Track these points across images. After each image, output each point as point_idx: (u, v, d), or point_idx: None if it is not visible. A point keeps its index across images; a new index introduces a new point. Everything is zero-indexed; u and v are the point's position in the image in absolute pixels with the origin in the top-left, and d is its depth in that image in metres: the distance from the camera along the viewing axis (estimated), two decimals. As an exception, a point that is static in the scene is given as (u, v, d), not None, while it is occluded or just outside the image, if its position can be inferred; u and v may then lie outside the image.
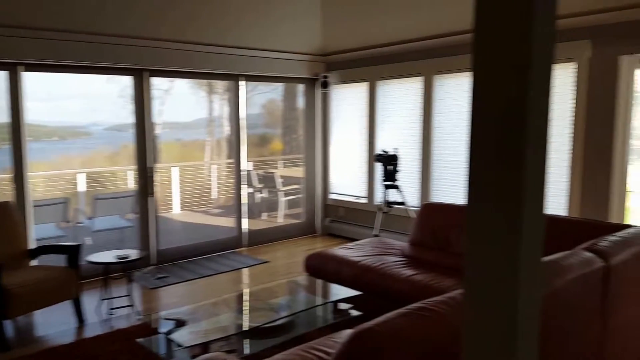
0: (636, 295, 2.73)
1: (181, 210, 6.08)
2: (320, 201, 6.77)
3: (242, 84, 5.94)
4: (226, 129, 6.10)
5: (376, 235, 5.24)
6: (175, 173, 6.08)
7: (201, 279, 4.91)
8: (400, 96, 5.80)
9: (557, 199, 4.49)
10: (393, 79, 5.84)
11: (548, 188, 4.10)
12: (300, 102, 6.67)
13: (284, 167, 6.95)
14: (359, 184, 6.40)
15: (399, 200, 5.31)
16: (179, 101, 5.93)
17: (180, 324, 3.02)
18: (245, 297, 3.72)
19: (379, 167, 5.71)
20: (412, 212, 5.15)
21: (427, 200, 5.54)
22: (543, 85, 1.25)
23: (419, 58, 5.49)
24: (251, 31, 5.65)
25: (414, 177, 5.69)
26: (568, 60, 4.30)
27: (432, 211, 4.13)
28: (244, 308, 3.45)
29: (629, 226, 3.07)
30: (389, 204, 5.36)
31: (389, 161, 5.31)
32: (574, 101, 4.31)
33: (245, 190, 6.12)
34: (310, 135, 6.67)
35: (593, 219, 3.61)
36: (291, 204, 6.75)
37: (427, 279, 3.35)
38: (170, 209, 5.99)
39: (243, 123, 6.01)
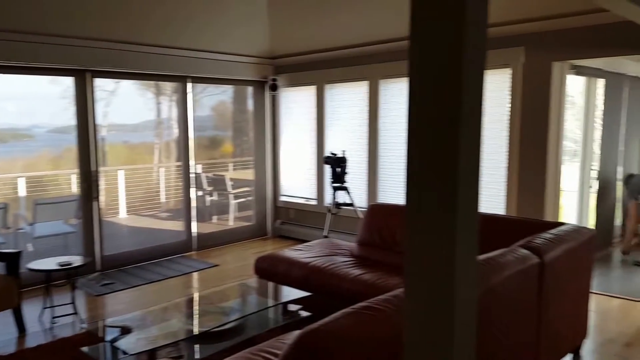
0: (567, 288, 2.88)
1: (128, 214, 5.89)
2: (270, 203, 6.75)
3: (189, 85, 5.83)
4: (175, 131, 5.97)
5: (326, 237, 5.28)
6: (121, 176, 5.88)
7: (149, 285, 4.78)
8: (348, 100, 5.87)
9: (496, 199, 4.67)
10: (340, 82, 5.90)
11: (487, 188, 4.28)
12: (250, 104, 6.62)
13: (235, 169, 6.87)
14: (308, 186, 6.42)
15: (348, 201, 5.37)
16: (125, 103, 5.74)
17: (126, 331, 2.93)
18: (195, 302, 3.66)
19: (327, 169, 5.76)
20: (360, 213, 5.22)
21: (375, 201, 5.63)
22: (475, 89, 1.30)
23: (365, 63, 5.58)
24: (198, 33, 5.56)
25: (361, 179, 5.77)
26: (504, 65, 4.49)
27: (378, 212, 4.20)
28: (193, 312, 3.38)
29: (562, 224, 3.24)
30: (338, 205, 5.41)
31: (338, 163, 5.37)
32: (510, 105, 4.50)
33: (194, 194, 6.01)
34: (260, 137, 6.64)
35: (529, 218, 3.78)
36: (242, 207, 6.69)
37: (374, 278, 3.40)
38: (117, 213, 5.79)
39: (191, 125, 5.91)
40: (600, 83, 5.27)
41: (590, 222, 5.43)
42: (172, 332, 2.93)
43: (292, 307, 3.36)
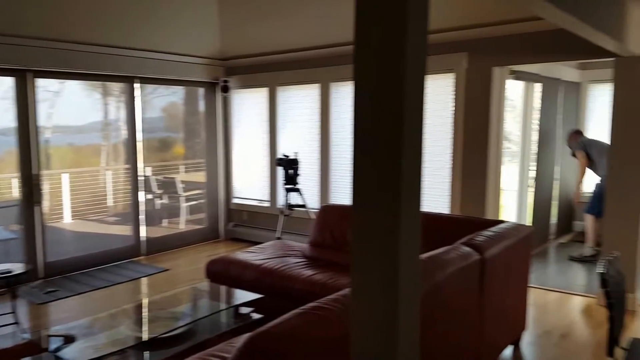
0: (507, 283, 3.01)
1: (73, 219, 5.65)
2: (223, 206, 6.66)
3: (137, 86, 5.67)
4: (123, 132, 5.79)
5: (278, 238, 5.27)
6: (65, 180, 5.65)
7: (95, 291, 4.61)
8: (300, 102, 5.89)
9: (440, 198, 4.81)
10: (292, 85, 5.91)
11: (432, 188, 4.38)
12: (202, 106, 6.52)
13: (186, 171, 6.74)
14: (261, 188, 6.39)
15: (300, 203, 5.39)
16: (71, 104, 5.51)
17: (70, 340, 2.82)
18: (144, 307, 3.56)
19: (280, 171, 5.75)
20: (312, 214, 5.24)
21: (327, 202, 5.67)
22: (417, 92, 1.34)
23: (316, 65, 5.61)
24: (147, 33, 5.42)
25: (314, 180, 5.80)
26: (448, 70, 4.63)
27: (330, 213, 4.24)
28: (142, 318, 3.29)
29: (501, 222, 3.37)
30: (290, 206, 5.42)
31: (290, 165, 5.37)
32: (454, 108, 4.65)
33: (143, 197, 5.85)
34: (211, 139, 6.54)
35: (471, 216, 3.91)
36: (193, 210, 6.57)
37: (325, 278, 3.43)
38: (61, 218, 5.55)
39: (140, 127, 5.75)
40: (538, 87, 5.53)
41: (529, 220, 5.69)
42: (120, 340, 2.84)
43: (244, 310, 3.33)
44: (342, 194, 5.57)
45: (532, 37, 4.18)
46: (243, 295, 3.47)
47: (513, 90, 5.39)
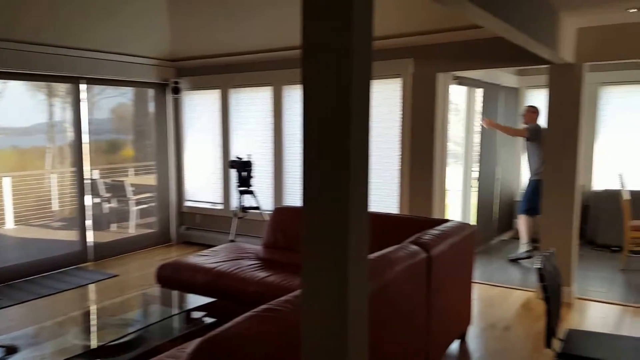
0: (453, 279, 3.10)
1: (16, 224, 5.37)
2: (174, 209, 6.52)
3: (83, 87, 5.46)
4: (69, 134, 5.56)
5: (232, 241, 5.20)
6: (7, 184, 5.36)
7: (40, 299, 4.40)
8: (253, 104, 5.85)
9: (390, 199, 4.90)
10: (245, 87, 5.86)
11: (382, 189, 4.46)
12: (152, 107, 6.35)
13: (136, 174, 6.54)
14: (214, 190, 6.29)
15: (254, 205, 5.35)
16: (13, 105, 5.24)
17: (12, 350, 2.67)
18: (92, 314, 3.43)
19: (233, 173, 5.68)
20: (266, 216, 5.22)
21: (281, 204, 5.66)
22: (363, 96, 1.36)
23: (269, 68, 5.59)
24: (93, 32, 5.22)
25: (268, 182, 5.78)
26: (395, 75, 4.73)
27: (283, 214, 4.23)
28: (90, 326, 3.17)
29: (447, 220, 3.48)
30: (244, 209, 5.37)
31: (243, 167, 5.32)
32: (402, 112, 4.75)
33: (90, 201, 5.64)
34: (162, 141, 6.38)
35: (419, 216, 4.01)
36: (143, 213, 6.38)
37: (278, 280, 3.42)
38: (3, 224, 5.26)
39: (86, 128, 5.54)
40: (479, 92, 5.73)
41: (473, 219, 5.89)
42: (67, 349, 2.73)
43: (197, 315, 3.27)
44: (296, 196, 5.58)
45: (473, 45, 4.33)
46: (195, 300, 3.41)
47: (457, 95, 5.56)
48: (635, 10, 3.36)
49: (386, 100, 4.83)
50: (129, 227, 6.24)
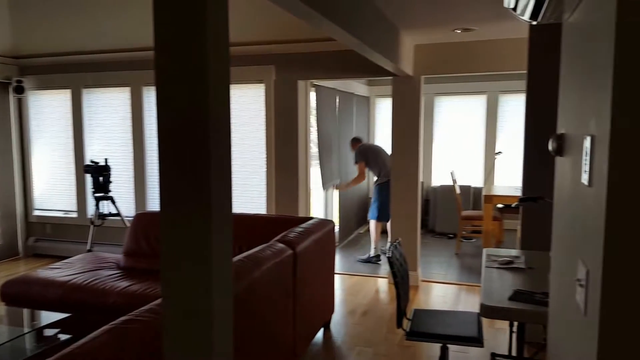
0: (316, 272, 3.18)
1: None
2: (21, 219, 5.72)
3: None
4: None
5: (90, 250, 4.73)
6: None
7: None
8: (110, 105, 5.38)
9: (258, 200, 4.88)
10: (100, 87, 5.37)
11: (249, 191, 4.39)
12: (-11, 108, 5.48)
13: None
14: (67, 198, 5.66)
15: (114, 211, 4.92)
16: None
17: None
18: None
19: (89, 179, 5.16)
20: (127, 223, 4.83)
21: (144, 210, 5.30)
22: (221, 100, 1.32)
23: (125, 69, 5.19)
24: None
25: (129, 187, 5.36)
26: (259, 81, 4.73)
27: (145, 220, 3.96)
28: None
29: (311, 218, 3.56)
30: (102, 216, 4.90)
31: (100, 172, 4.86)
32: (265, 116, 4.76)
33: None
34: (4, 145, 5.55)
35: (285, 215, 4.04)
36: (-18, 226, 5.49)
37: (142, 288, 3.18)
38: None
39: None
40: (337, 99, 5.99)
41: (336, 215, 6.13)
42: None
43: (50, 332, 2.90)
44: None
45: (329, 56, 4.51)
46: (48, 316, 3.02)
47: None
48: (460, 31, 3.79)
49: (251, 105, 4.80)
50: (-37, 242, 5.32)
